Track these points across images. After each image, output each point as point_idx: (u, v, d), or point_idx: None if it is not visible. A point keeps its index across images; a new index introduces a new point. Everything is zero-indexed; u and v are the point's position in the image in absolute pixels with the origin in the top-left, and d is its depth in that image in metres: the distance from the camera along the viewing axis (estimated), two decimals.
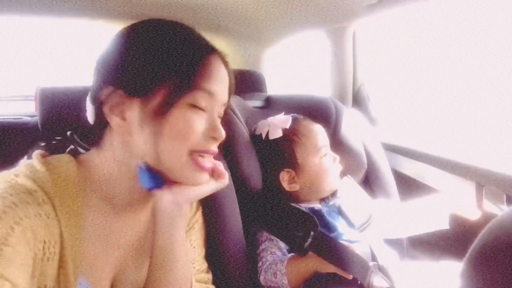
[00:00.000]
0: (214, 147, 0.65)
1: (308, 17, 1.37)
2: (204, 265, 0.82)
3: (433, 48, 1.69)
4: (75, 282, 0.59)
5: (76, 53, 2.28)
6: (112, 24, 1.63)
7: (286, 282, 0.87)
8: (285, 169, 1.01)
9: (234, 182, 0.96)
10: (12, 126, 1.00)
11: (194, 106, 0.61)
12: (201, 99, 0.61)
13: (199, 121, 0.62)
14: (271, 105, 1.27)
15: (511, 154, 1.10)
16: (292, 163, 1.01)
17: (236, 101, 1.14)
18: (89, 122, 0.66)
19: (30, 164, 0.61)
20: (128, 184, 0.64)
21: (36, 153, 0.64)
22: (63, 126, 0.80)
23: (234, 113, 1.06)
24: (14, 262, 0.49)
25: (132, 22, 0.65)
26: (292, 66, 2.28)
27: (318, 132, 1.05)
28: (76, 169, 0.63)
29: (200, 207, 0.85)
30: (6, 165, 0.64)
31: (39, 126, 0.95)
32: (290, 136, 1.02)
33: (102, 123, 0.63)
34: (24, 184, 0.57)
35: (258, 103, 1.34)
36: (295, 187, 1.01)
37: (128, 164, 0.63)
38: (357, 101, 1.56)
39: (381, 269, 0.92)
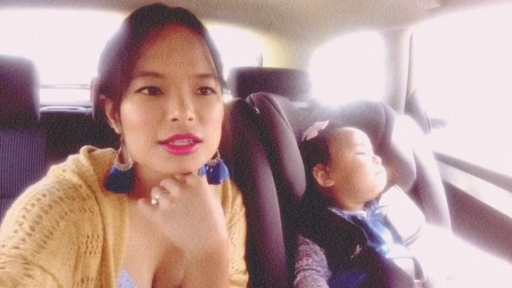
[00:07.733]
0: (182, 130, 0.55)
1: (364, 18, 1.31)
2: (243, 266, 0.81)
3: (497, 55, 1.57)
4: (116, 274, 0.60)
5: None
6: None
7: None
8: (318, 164, 1.03)
9: (277, 186, 0.94)
10: (69, 116, 1.04)
11: (143, 93, 0.55)
12: (146, 83, 0.55)
13: (152, 105, 0.55)
14: (316, 108, 1.25)
15: None
16: (325, 158, 1.03)
17: (281, 102, 1.13)
18: None
19: (77, 159, 0.63)
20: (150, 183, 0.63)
21: (84, 148, 0.66)
22: None
23: (280, 114, 1.04)
24: (56, 255, 0.50)
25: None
26: (342, 67, 2.21)
27: (355, 132, 1.06)
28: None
29: (244, 207, 0.84)
30: (61, 154, 0.67)
31: (93, 116, 0.98)
32: (325, 134, 1.06)
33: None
34: (70, 179, 0.59)
35: (303, 104, 1.32)
36: (330, 182, 1.02)
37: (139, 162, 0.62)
38: (410, 107, 1.48)
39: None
